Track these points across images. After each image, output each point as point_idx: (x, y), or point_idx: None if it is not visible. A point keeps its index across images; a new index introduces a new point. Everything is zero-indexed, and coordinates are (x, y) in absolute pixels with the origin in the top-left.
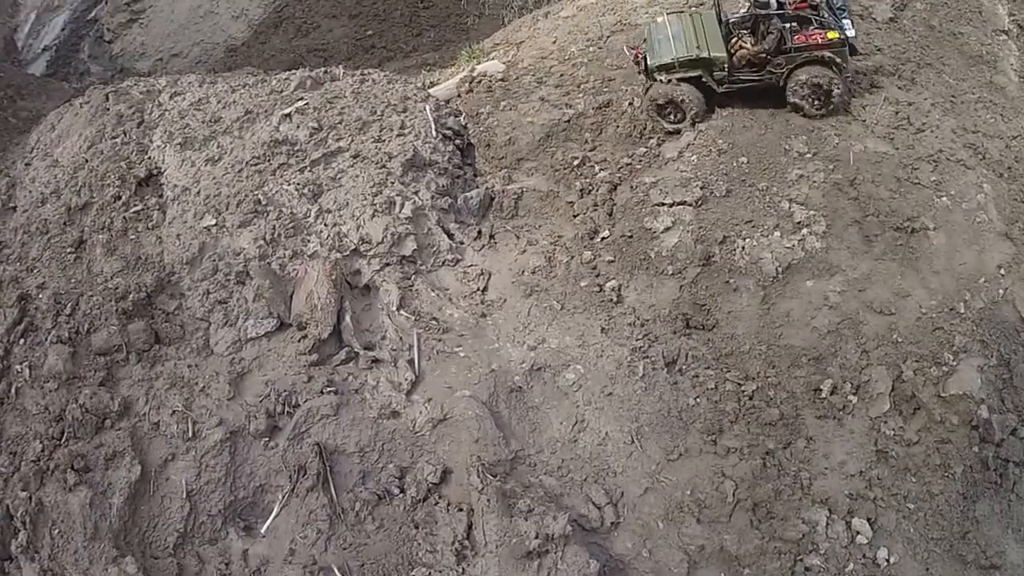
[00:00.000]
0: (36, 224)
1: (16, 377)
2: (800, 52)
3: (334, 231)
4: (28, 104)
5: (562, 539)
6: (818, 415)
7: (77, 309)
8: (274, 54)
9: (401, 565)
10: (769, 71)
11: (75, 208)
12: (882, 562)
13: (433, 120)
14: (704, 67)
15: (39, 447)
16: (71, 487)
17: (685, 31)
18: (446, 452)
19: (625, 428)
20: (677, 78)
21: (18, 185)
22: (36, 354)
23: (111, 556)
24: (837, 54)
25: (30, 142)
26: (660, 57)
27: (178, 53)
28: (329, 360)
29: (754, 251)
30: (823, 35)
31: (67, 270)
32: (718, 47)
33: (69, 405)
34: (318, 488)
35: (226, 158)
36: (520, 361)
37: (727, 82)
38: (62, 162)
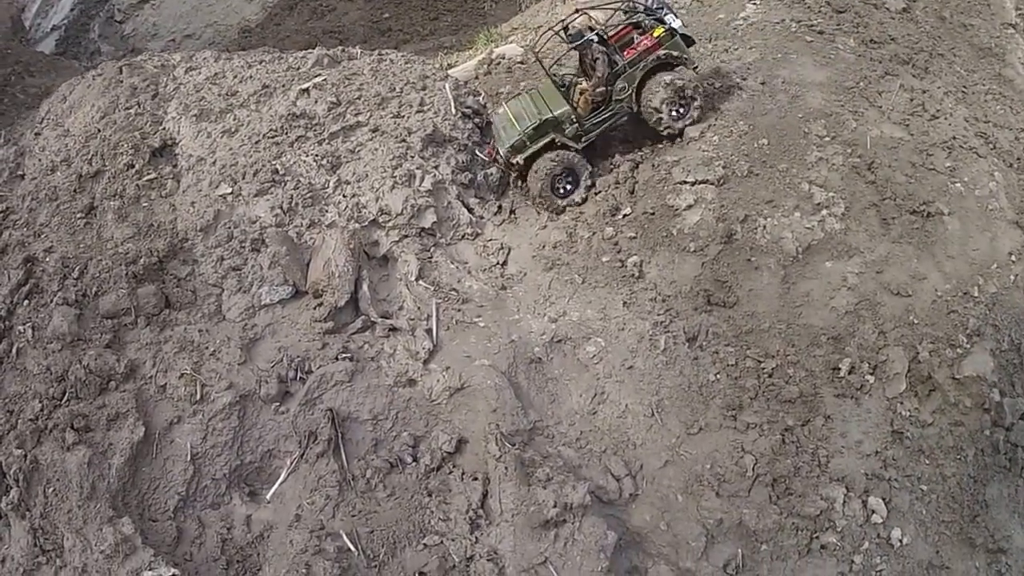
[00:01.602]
0: (45, 191)
1: (18, 337)
2: (636, 65)
3: (353, 202)
4: (37, 81)
5: (581, 509)
6: (836, 394)
7: (85, 272)
8: (289, 35)
9: (412, 533)
10: (616, 100)
11: (86, 176)
12: (895, 543)
13: (452, 98)
14: (553, 128)
15: (38, 406)
16: (69, 446)
17: (524, 107)
18: (462, 421)
19: (645, 401)
20: (532, 153)
21: (27, 154)
22: (40, 315)
23: (107, 516)
24: (672, 47)
25: (40, 113)
26: (507, 140)
27: (191, 34)
28: (344, 328)
29: (775, 230)
30: (649, 37)
31: (76, 235)
32: (559, 104)
33: (73, 366)
34: (328, 454)
35: (243, 130)
36: (540, 333)
37: (583, 133)
38: (73, 132)
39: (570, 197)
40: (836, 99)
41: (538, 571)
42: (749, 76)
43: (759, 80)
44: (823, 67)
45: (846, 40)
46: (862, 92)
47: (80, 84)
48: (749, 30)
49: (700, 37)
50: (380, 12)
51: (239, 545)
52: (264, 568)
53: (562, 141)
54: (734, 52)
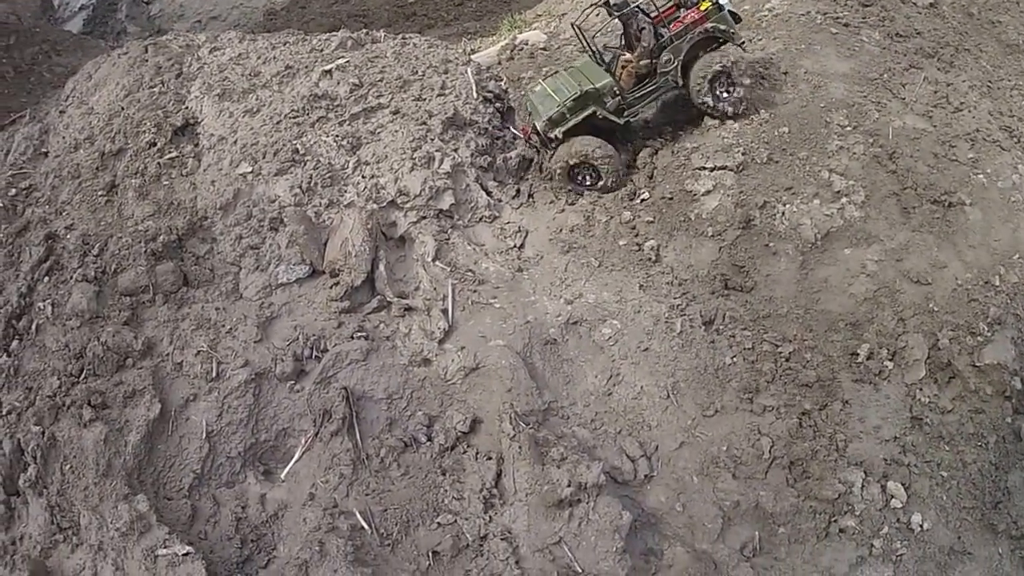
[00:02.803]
0: (68, 168)
1: (38, 314)
2: (682, 38)
3: (372, 183)
4: (63, 60)
5: (595, 489)
6: (854, 379)
7: (105, 250)
8: (314, 18)
9: (426, 512)
10: (661, 73)
11: (108, 153)
12: (916, 528)
13: (474, 82)
14: (595, 101)
15: (56, 383)
16: (86, 423)
17: (564, 81)
18: (477, 401)
19: (661, 383)
20: (572, 125)
21: (51, 131)
22: (60, 292)
23: (122, 493)
24: (719, 21)
25: (65, 91)
26: (546, 112)
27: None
28: (360, 308)
29: (794, 217)
30: (696, 10)
31: (97, 213)
32: (600, 76)
33: (90, 343)
34: (343, 433)
35: (264, 110)
36: (556, 314)
37: (625, 108)
38: (97, 109)
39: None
40: (859, 90)
41: (552, 551)
42: (772, 66)
43: (782, 70)
44: (847, 58)
45: (871, 33)
46: (886, 84)
47: (105, 63)
48: (774, 21)
49: None
50: None
51: (253, 524)
52: (278, 547)
53: (603, 114)
54: (758, 42)
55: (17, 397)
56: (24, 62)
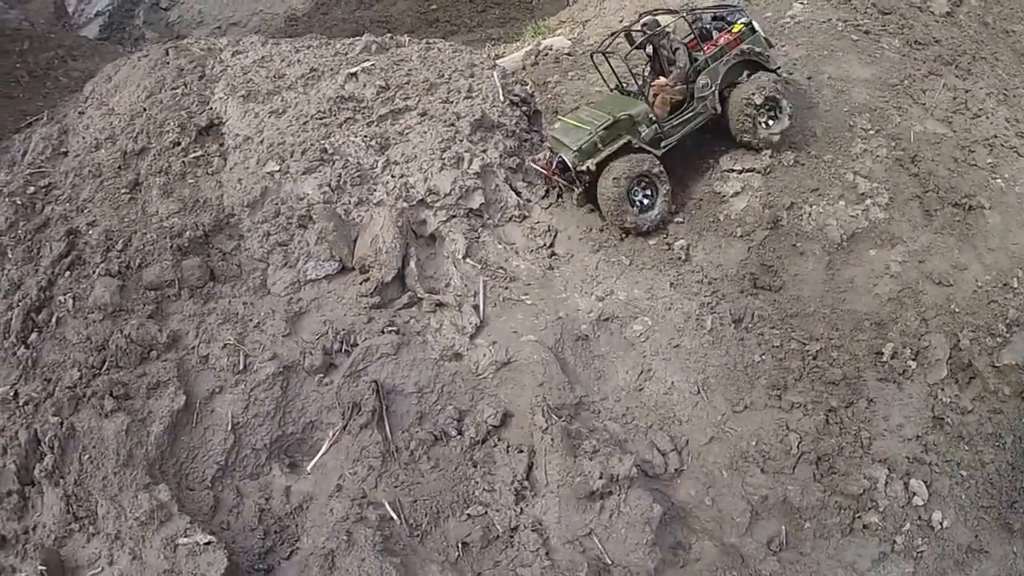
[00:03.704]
0: (89, 168)
1: (58, 307)
2: (719, 59)
3: (401, 182)
4: (80, 65)
5: (627, 481)
6: (879, 378)
7: (129, 245)
8: (336, 23)
9: (456, 503)
10: (699, 98)
11: (131, 153)
12: (936, 525)
13: (500, 86)
14: (629, 130)
15: (77, 375)
16: (108, 413)
17: (589, 113)
18: (508, 395)
19: (691, 379)
20: (606, 157)
21: (70, 132)
22: (82, 286)
23: (143, 483)
24: (754, 43)
25: (84, 92)
26: (575, 143)
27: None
28: (391, 304)
29: (820, 218)
30: (729, 32)
31: (120, 210)
32: (633, 103)
33: (113, 335)
34: (372, 425)
35: (290, 111)
36: (587, 311)
37: (663, 136)
38: (118, 110)
39: (648, 214)
40: (881, 95)
41: (582, 542)
42: (795, 71)
43: (805, 75)
44: (868, 65)
45: (891, 40)
46: (906, 90)
47: (125, 65)
48: (796, 28)
49: None
50: (428, 3)
51: (277, 515)
52: (302, 539)
53: (640, 144)
54: (781, 49)
55: (35, 388)
56: (39, 67)
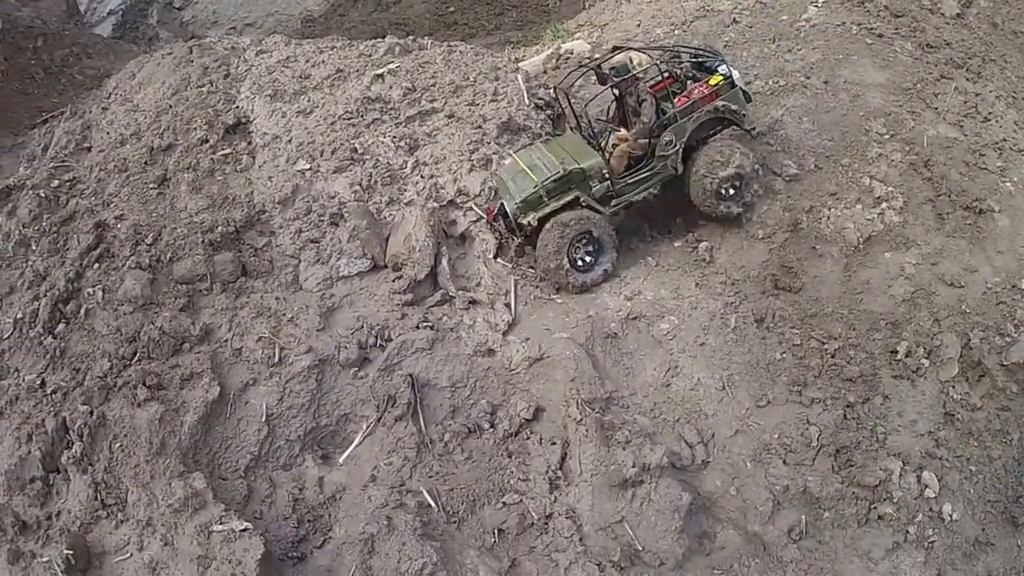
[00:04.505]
0: (114, 163)
1: (87, 299)
2: (688, 116)
3: (431, 182)
4: (95, 63)
5: (658, 470)
6: (894, 375)
7: (159, 239)
8: (354, 25)
9: (492, 492)
10: (659, 156)
11: (158, 149)
12: (946, 517)
13: (525, 89)
14: (579, 185)
15: (107, 365)
16: (141, 402)
17: (542, 157)
18: (540, 390)
19: (716, 375)
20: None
21: (93, 127)
22: (111, 279)
23: (177, 471)
24: (731, 99)
25: (107, 88)
26: (518, 194)
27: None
28: (423, 301)
29: (838, 221)
30: (705, 85)
31: (148, 205)
32: (587, 154)
33: (145, 327)
34: (407, 418)
35: (317, 111)
36: (616, 309)
37: (614, 194)
38: (143, 107)
39: (591, 273)
40: (895, 99)
41: (614, 529)
42: (812, 75)
43: (822, 79)
44: (883, 69)
45: (904, 44)
46: (919, 94)
47: (149, 62)
48: (812, 31)
49: (764, 38)
50: (445, 6)
51: (311, 505)
52: (334, 528)
53: (588, 202)
54: (797, 52)
55: (63, 378)
56: (54, 64)
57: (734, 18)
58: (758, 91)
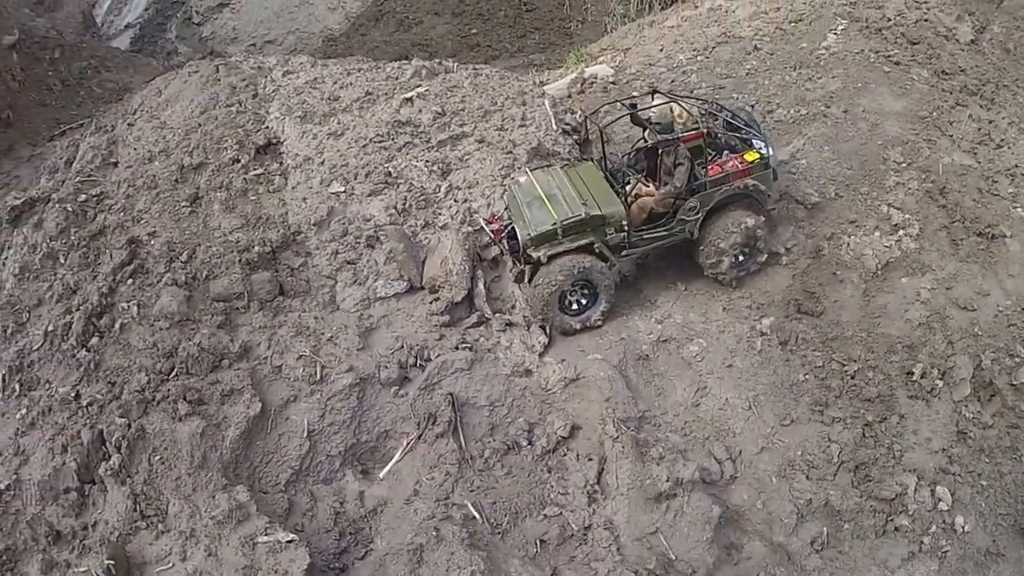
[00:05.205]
0: (143, 179)
1: (121, 314)
2: (718, 187)
3: (464, 207)
4: (114, 76)
5: (690, 484)
6: (910, 395)
7: (194, 257)
8: (377, 46)
9: (533, 505)
10: (680, 219)
11: (188, 167)
12: (959, 528)
13: (552, 114)
14: (596, 230)
15: (144, 379)
16: (182, 416)
17: (561, 188)
18: (575, 409)
19: (743, 396)
20: (562, 251)
21: (120, 142)
22: (146, 295)
23: (220, 484)
24: (761, 180)
25: (132, 104)
26: (534, 225)
27: (272, 40)
28: (460, 322)
29: (858, 248)
30: (741, 159)
31: (181, 222)
32: (610, 201)
33: (182, 343)
34: (448, 435)
35: (348, 133)
36: (648, 332)
37: (627, 246)
38: (171, 124)
39: (577, 319)
40: (911, 128)
41: (649, 540)
42: (832, 104)
43: (842, 108)
44: (900, 97)
45: (920, 71)
46: (935, 121)
47: (175, 79)
48: (831, 59)
49: (785, 66)
50: (468, 27)
51: (352, 518)
52: (375, 540)
53: (601, 249)
54: (818, 81)
55: (99, 390)
56: (72, 76)
57: (755, 45)
58: (780, 120)
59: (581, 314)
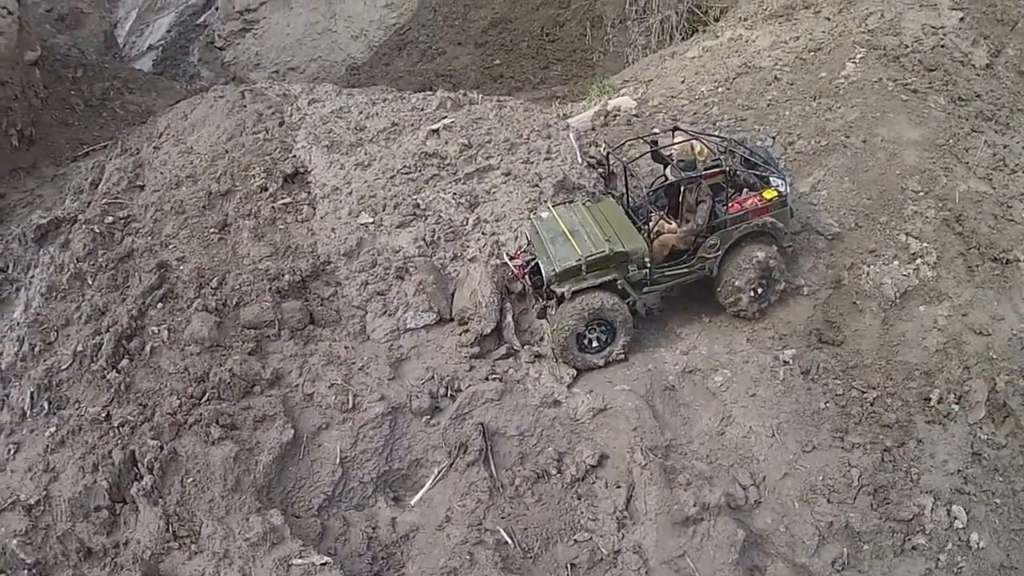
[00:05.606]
0: (170, 204)
1: (151, 337)
2: (738, 224)
3: (492, 239)
4: (137, 99)
5: (716, 509)
6: (927, 420)
7: (224, 284)
8: (401, 76)
9: (563, 530)
10: (701, 256)
11: (216, 194)
12: (973, 545)
13: (577, 147)
14: (619, 267)
15: (176, 403)
16: (215, 440)
17: (584, 224)
18: (604, 439)
19: (767, 424)
20: (586, 287)
21: (146, 166)
22: (176, 319)
23: (254, 507)
24: (780, 217)
25: (158, 127)
26: (558, 261)
27: (295, 67)
28: (488, 354)
29: (877, 277)
30: (760, 198)
31: (210, 249)
32: (634, 237)
33: (213, 368)
34: (479, 463)
35: (376, 164)
36: (673, 363)
37: (649, 283)
38: (197, 150)
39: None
40: (929, 156)
41: (677, 563)
42: (852, 134)
43: (861, 138)
44: (917, 125)
45: (937, 98)
46: (951, 149)
47: (201, 104)
48: (850, 89)
49: (805, 96)
50: (491, 58)
51: (384, 543)
52: (407, 565)
53: (624, 285)
54: (837, 111)
55: (130, 412)
56: (95, 96)
57: (775, 75)
58: (801, 151)
59: (602, 350)
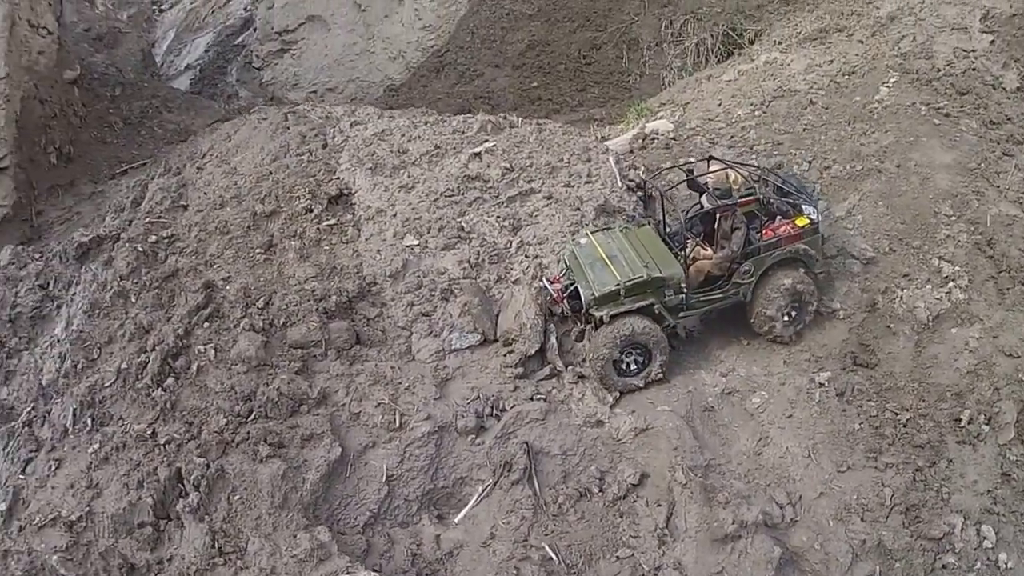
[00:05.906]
0: (214, 224)
1: (198, 356)
2: (771, 251)
3: (535, 262)
4: (175, 118)
5: (754, 526)
6: (958, 441)
7: (271, 304)
8: (440, 97)
9: (606, 547)
10: (735, 283)
11: (261, 215)
12: (1002, 565)
13: (617, 171)
14: (656, 292)
15: (223, 421)
16: (263, 458)
17: (621, 250)
18: (645, 458)
19: (803, 445)
20: (624, 311)
21: (189, 186)
22: (223, 338)
23: (301, 524)
24: (812, 244)
25: (201, 148)
26: (598, 286)
27: (333, 88)
28: (532, 375)
29: (910, 301)
30: (793, 225)
31: (255, 269)
32: (670, 263)
33: (261, 388)
34: (523, 482)
35: (419, 187)
36: (713, 385)
37: (685, 308)
38: (241, 171)
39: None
40: (961, 180)
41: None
42: (886, 159)
43: (895, 163)
44: (950, 150)
45: (969, 122)
46: (983, 173)
47: (245, 125)
48: (884, 113)
49: (840, 120)
50: (528, 80)
51: (428, 560)
52: None
53: (661, 310)
54: (871, 135)
55: (176, 430)
56: (133, 115)
57: (811, 99)
58: (836, 176)
59: (640, 373)
